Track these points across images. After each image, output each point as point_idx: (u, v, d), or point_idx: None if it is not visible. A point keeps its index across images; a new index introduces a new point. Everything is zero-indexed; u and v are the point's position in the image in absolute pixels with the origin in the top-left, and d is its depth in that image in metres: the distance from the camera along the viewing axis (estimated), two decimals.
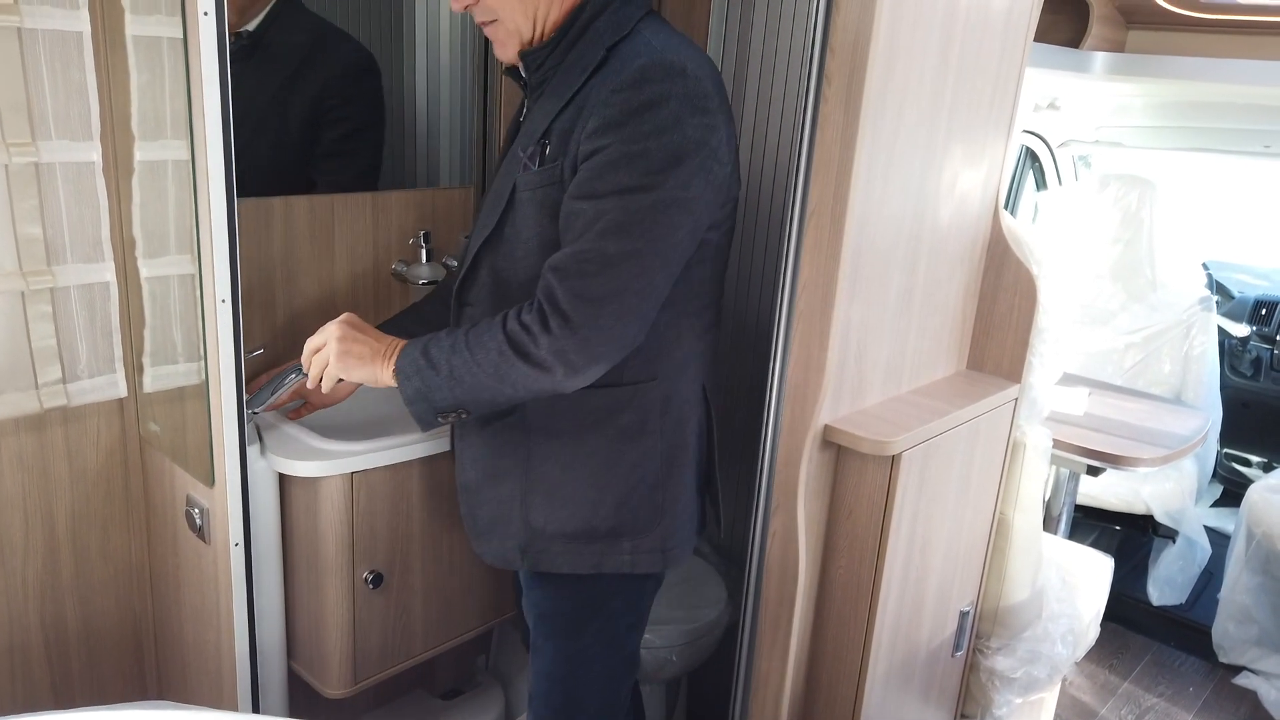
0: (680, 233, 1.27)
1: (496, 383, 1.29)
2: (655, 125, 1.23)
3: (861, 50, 1.46)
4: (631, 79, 1.24)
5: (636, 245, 1.24)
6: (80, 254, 1.58)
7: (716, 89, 1.30)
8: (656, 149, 1.23)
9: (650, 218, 1.24)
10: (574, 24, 1.34)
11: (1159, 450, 2.45)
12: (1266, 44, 2.51)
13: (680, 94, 1.23)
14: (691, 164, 1.25)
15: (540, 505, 1.43)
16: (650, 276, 1.26)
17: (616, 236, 1.23)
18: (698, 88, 1.25)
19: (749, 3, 2.17)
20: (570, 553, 1.44)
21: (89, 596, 1.76)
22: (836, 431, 1.67)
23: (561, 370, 1.26)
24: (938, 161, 1.72)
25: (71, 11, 1.48)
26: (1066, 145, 3.52)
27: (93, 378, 1.64)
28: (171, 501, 1.69)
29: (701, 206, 1.29)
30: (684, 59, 1.26)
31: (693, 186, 1.26)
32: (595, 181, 1.25)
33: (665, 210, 1.24)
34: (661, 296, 1.30)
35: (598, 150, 1.25)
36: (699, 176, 1.26)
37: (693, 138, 1.24)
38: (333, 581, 1.64)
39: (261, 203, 1.72)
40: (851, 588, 1.76)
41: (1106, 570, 2.56)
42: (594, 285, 1.24)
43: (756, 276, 2.30)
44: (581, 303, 1.24)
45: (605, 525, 1.43)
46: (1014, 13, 1.80)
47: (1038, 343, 1.97)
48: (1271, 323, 3.50)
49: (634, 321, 1.27)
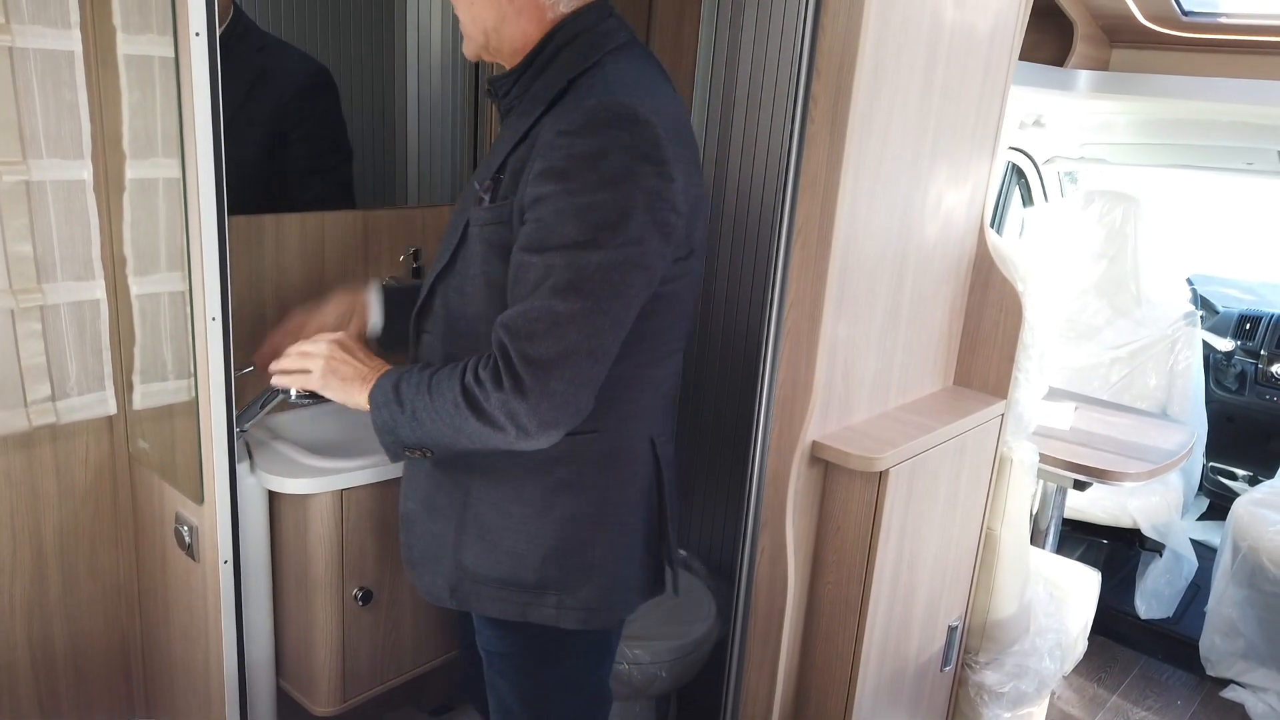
0: (633, 290, 1.21)
1: (453, 432, 1.25)
2: (603, 176, 1.16)
3: (847, 72, 1.48)
4: (578, 123, 1.18)
5: (586, 305, 1.18)
6: (71, 272, 1.58)
7: (675, 132, 1.23)
8: (605, 202, 1.16)
9: (601, 276, 1.18)
10: (543, 51, 1.29)
11: (1145, 465, 2.47)
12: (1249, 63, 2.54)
13: (628, 142, 1.17)
14: (643, 218, 1.18)
15: (471, 546, 1.39)
16: (600, 338, 1.20)
17: (565, 296, 1.17)
18: (648, 134, 1.18)
19: (736, 26, 2.19)
20: (498, 599, 1.39)
21: (76, 614, 1.76)
22: (824, 448, 1.68)
23: (514, 432, 1.21)
24: (923, 180, 1.74)
25: (63, 31, 1.49)
26: (1052, 162, 3.55)
27: (82, 395, 1.64)
28: (160, 519, 1.69)
29: (655, 260, 1.22)
30: (637, 101, 1.19)
31: (645, 241, 1.19)
32: (544, 234, 1.19)
33: (616, 268, 1.18)
34: (613, 354, 1.24)
35: (543, 198, 1.19)
36: (651, 230, 1.19)
37: (645, 188, 1.18)
38: (322, 599, 1.64)
39: (253, 220, 1.73)
40: (840, 603, 1.77)
41: (1094, 584, 2.57)
42: (543, 348, 1.18)
43: (745, 295, 2.32)
44: (531, 367, 1.19)
45: (532, 577, 1.37)
46: (998, 33, 1.83)
47: (1023, 359, 1.99)
48: (1256, 337, 3.53)
49: (585, 386, 1.22)
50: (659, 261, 1.23)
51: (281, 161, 1.90)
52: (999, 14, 1.81)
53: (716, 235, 2.33)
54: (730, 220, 2.30)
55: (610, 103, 1.18)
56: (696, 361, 2.45)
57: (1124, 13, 2.54)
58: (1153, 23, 2.58)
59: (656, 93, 1.26)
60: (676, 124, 1.25)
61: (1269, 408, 3.51)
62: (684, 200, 1.24)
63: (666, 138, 1.20)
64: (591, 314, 1.18)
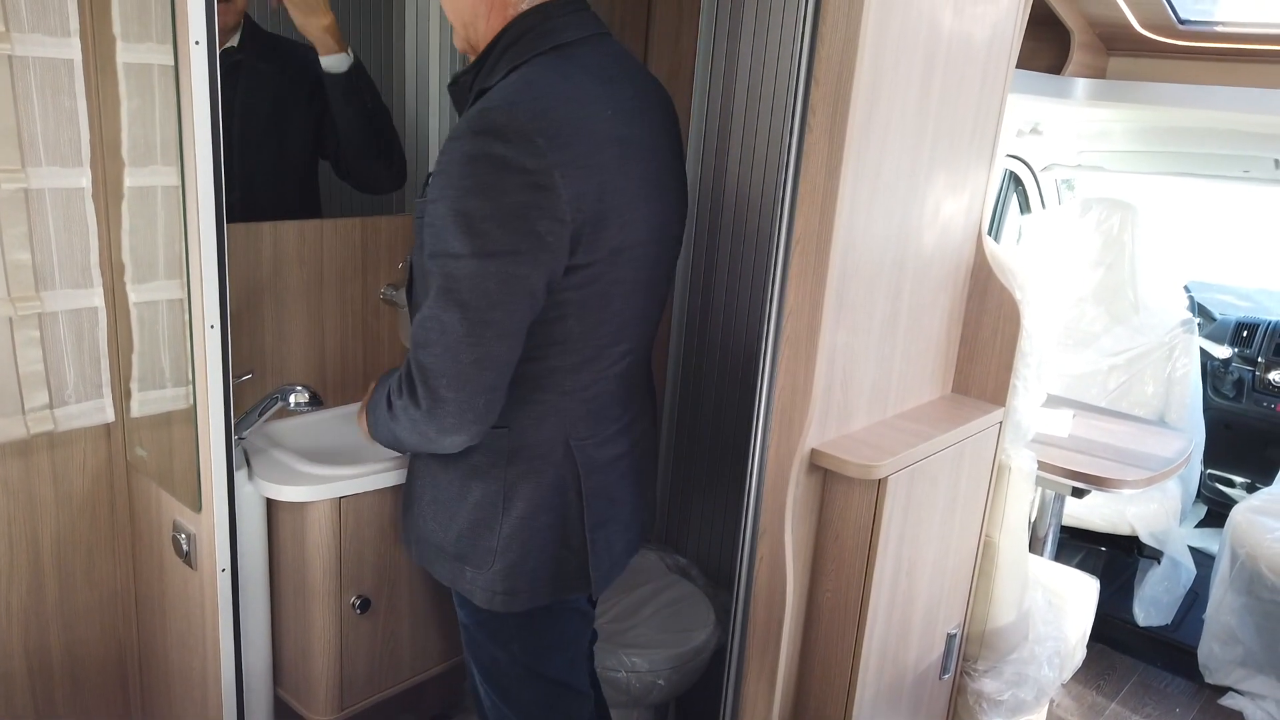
0: (512, 299, 1.22)
1: (393, 436, 1.38)
2: (476, 184, 1.17)
3: (845, 82, 1.49)
4: (463, 127, 1.19)
5: (467, 314, 1.21)
6: (69, 279, 1.58)
7: (562, 141, 1.20)
8: (476, 210, 1.17)
9: (478, 285, 1.20)
10: (494, 48, 1.31)
11: (1143, 472, 2.47)
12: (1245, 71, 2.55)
13: (500, 152, 1.16)
14: (517, 226, 1.19)
15: (421, 510, 1.50)
16: (485, 346, 1.23)
17: (448, 304, 1.21)
18: (523, 145, 1.16)
19: (734, 35, 2.20)
20: (439, 561, 1.49)
21: (73, 623, 1.75)
22: (823, 456, 1.68)
23: (427, 435, 1.31)
24: (921, 189, 1.75)
25: (63, 39, 1.49)
26: (1049, 169, 3.56)
27: (80, 403, 1.64)
28: (158, 527, 1.69)
29: (533, 269, 1.22)
30: (521, 108, 1.18)
31: (519, 251, 1.20)
32: (432, 239, 1.22)
33: (491, 277, 1.20)
34: (508, 360, 1.27)
35: (430, 200, 1.22)
36: (528, 240, 1.20)
37: (516, 199, 1.18)
38: (320, 607, 1.63)
39: (251, 228, 1.73)
40: (839, 611, 1.77)
41: (1092, 592, 2.57)
42: (432, 358, 1.24)
43: (743, 302, 2.32)
44: (424, 375, 1.25)
45: (452, 548, 1.46)
46: (995, 42, 1.83)
47: (1021, 367, 1.99)
48: (1253, 345, 3.54)
49: (476, 393, 1.25)
50: (538, 271, 1.23)
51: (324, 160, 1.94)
52: (996, 23, 1.81)
53: (715, 243, 2.33)
54: (729, 228, 2.30)
55: (490, 109, 1.18)
56: (695, 369, 2.45)
57: (1121, 21, 2.55)
58: (1149, 31, 2.59)
59: (569, 95, 1.24)
60: (580, 128, 1.22)
61: (1266, 415, 3.51)
62: (571, 208, 1.21)
63: (549, 144, 1.18)
64: (473, 323, 1.21)
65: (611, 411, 1.47)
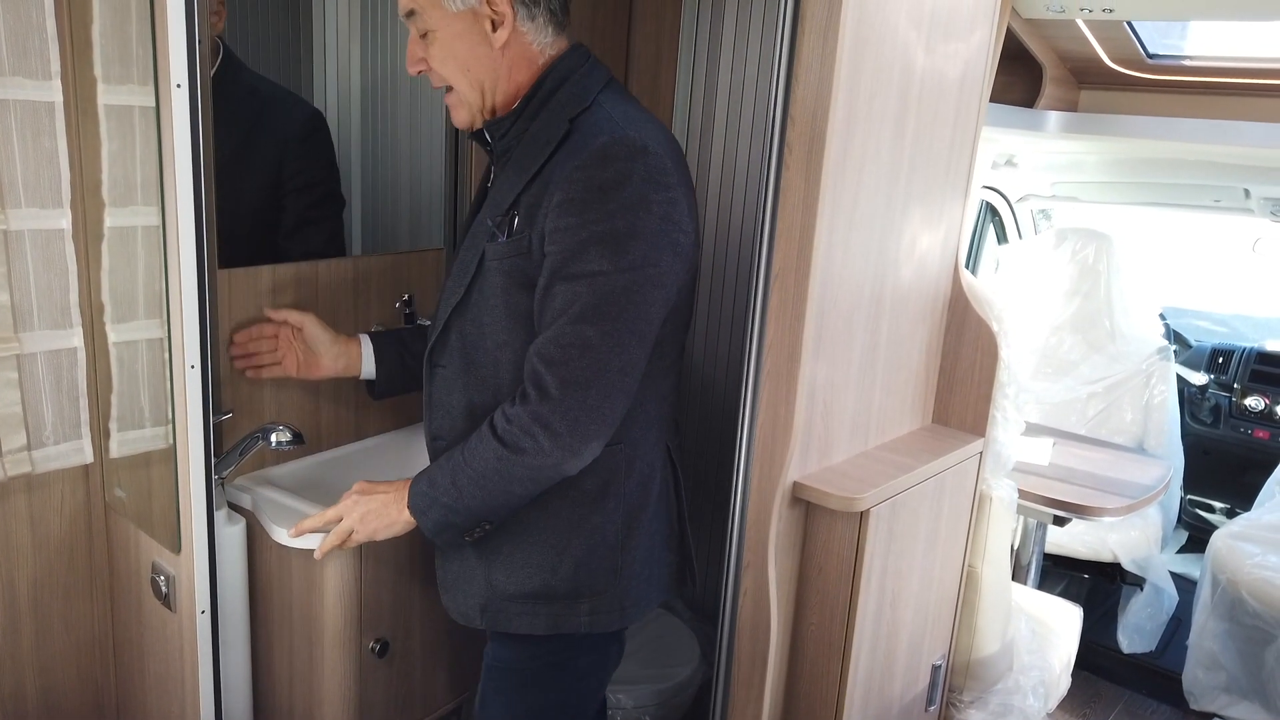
0: (654, 308, 1.32)
1: (505, 487, 1.34)
2: (620, 204, 1.27)
3: (820, 120, 1.51)
4: (594, 156, 1.28)
5: (614, 326, 1.28)
6: (48, 320, 1.58)
7: (676, 162, 1.35)
8: (624, 229, 1.27)
9: (625, 298, 1.28)
10: (535, 95, 1.38)
11: (1123, 500, 2.49)
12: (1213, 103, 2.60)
13: (643, 172, 1.28)
14: (659, 240, 1.29)
15: (501, 564, 1.45)
16: (629, 353, 1.30)
17: (594, 320, 1.28)
18: (659, 164, 1.29)
19: (712, 70, 2.23)
20: (528, 613, 1.45)
21: (50, 667, 1.73)
22: (805, 488, 1.69)
23: (560, 454, 1.31)
24: (897, 223, 1.77)
25: (44, 83, 1.50)
26: (1025, 200, 3.61)
27: (58, 444, 1.62)
28: (136, 569, 1.67)
29: (670, 278, 1.33)
30: (645, 135, 1.30)
31: (662, 262, 1.31)
32: (568, 264, 1.29)
33: (638, 289, 1.29)
34: (641, 368, 1.34)
35: (564, 228, 1.28)
36: (667, 251, 1.31)
37: (658, 214, 1.29)
38: (336, 654, 1.61)
39: (251, 271, 1.72)
40: (823, 644, 1.77)
41: (1076, 620, 2.58)
42: (578, 370, 1.28)
43: (724, 337, 2.33)
44: (569, 387, 1.29)
45: (564, 586, 1.44)
46: (968, 78, 1.87)
47: (1000, 397, 2.01)
48: (1229, 371, 3.58)
49: (619, 397, 1.32)
50: (673, 279, 1.34)
51: (278, 212, 1.90)
52: (969, 60, 1.85)
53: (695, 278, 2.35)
54: (708, 264, 2.32)
55: (623, 137, 1.29)
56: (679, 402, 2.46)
57: (1091, 55, 2.60)
58: (1119, 65, 2.65)
59: (652, 125, 1.37)
60: (674, 154, 1.36)
61: (1243, 440, 3.55)
62: (689, 220, 1.36)
63: (671, 166, 1.32)
64: (619, 333, 1.29)
65: (676, 415, 1.57)
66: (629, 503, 1.45)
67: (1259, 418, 3.51)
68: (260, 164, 1.87)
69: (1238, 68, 2.51)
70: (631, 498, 1.45)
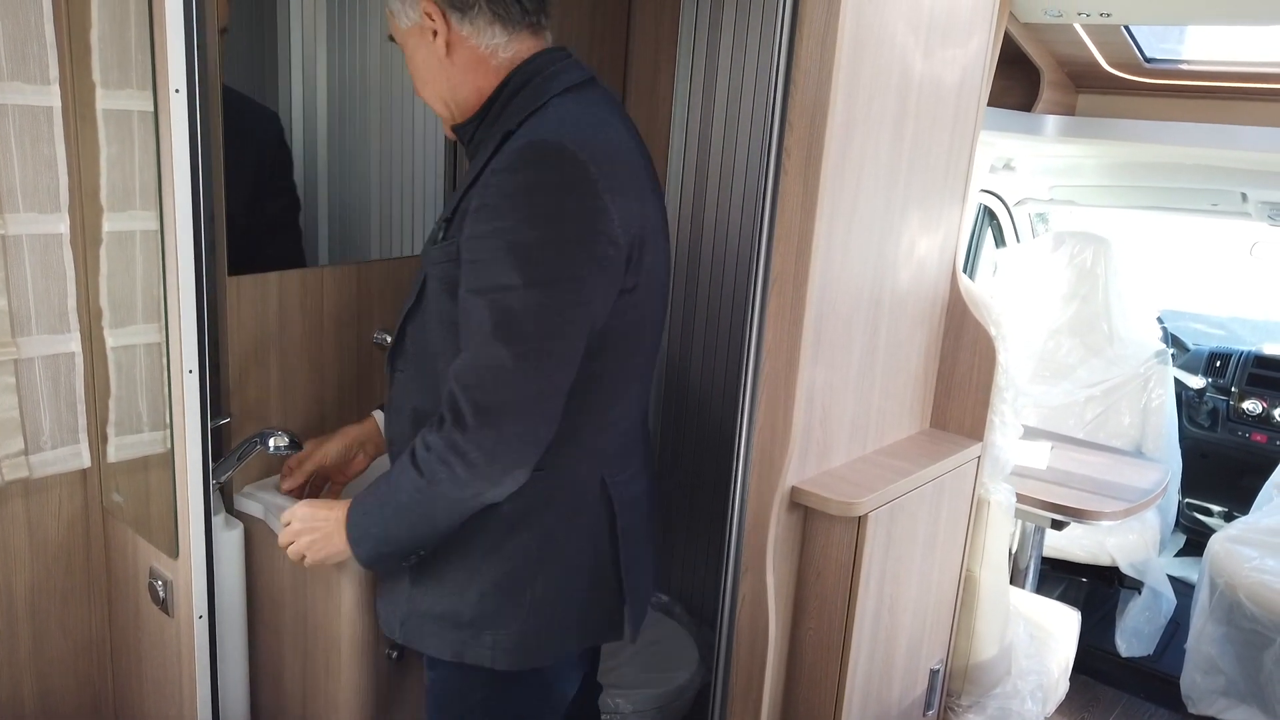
0: (574, 327, 1.22)
1: (428, 518, 1.29)
2: (532, 212, 1.18)
3: (819, 125, 1.51)
4: (509, 161, 1.20)
5: (528, 347, 1.19)
6: (46, 325, 1.58)
7: (612, 164, 1.23)
8: (535, 240, 1.17)
9: (538, 316, 1.19)
10: (498, 97, 1.32)
11: (1121, 504, 2.49)
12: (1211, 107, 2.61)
13: (558, 178, 1.18)
14: (576, 253, 1.19)
15: (421, 579, 1.39)
16: (547, 377, 1.21)
17: (507, 340, 1.19)
18: (579, 169, 1.18)
19: (711, 78, 2.24)
20: (436, 635, 1.38)
21: (47, 672, 1.72)
22: (803, 493, 1.69)
23: (478, 485, 1.24)
24: (896, 228, 1.77)
25: (42, 88, 1.50)
26: (1023, 204, 3.62)
27: (55, 449, 1.62)
28: (134, 574, 1.67)
29: (594, 295, 1.23)
30: (565, 136, 1.20)
31: (581, 277, 1.20)
32: (479, 276, 1.21)
33: (553, 306, 1.19)
34: (564, 391, 1.25)
35: (476, 236, 1.21)
36: (587, 265, 1.20)
37: (575, 224, 1.19)
38: (353, 660, 1.59)
39: (259, 279, 1.72)
40: (822, 648, 1.77)
41: (1074, 624, 2.58)
42: (493, 395, 1.20)
43: (723, 342, 2.33)
44: (484, 415, 1.21)
45: (469, 613, 1.35)
46: (966, 82, 1.87)
47: (998, 402, 2.01)
48: (1226, 374, 3.59)
49: (539, 424, 1.23)
50: (598, 296, 1.23)
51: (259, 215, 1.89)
52: (966, 65, 1.85)
53: (694, 284, 2.35)
54: (708, 268, 2.32)
55: (536, 140, 1.20)
56: (677, 408, 2.46)
57: (1089, 60, 2.60)
58: (1117, 69, 2.65)
59: (600, 127, 1.26)
60: (616, 156, 1.25)
61: (1241, 444, 3.55)
62: (622, 232, 1.23)
63: (599, 170, 1.19)
64: (534, 355, 1.20)
65: (636, 448, 1.45)
66: (545, 535, 1.34)
67: (1256, 421, 3.51)
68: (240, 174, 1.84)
69: (1235, 72, 2.51)
70: (549, 530, 1.35)
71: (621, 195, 1.23)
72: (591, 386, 1.30)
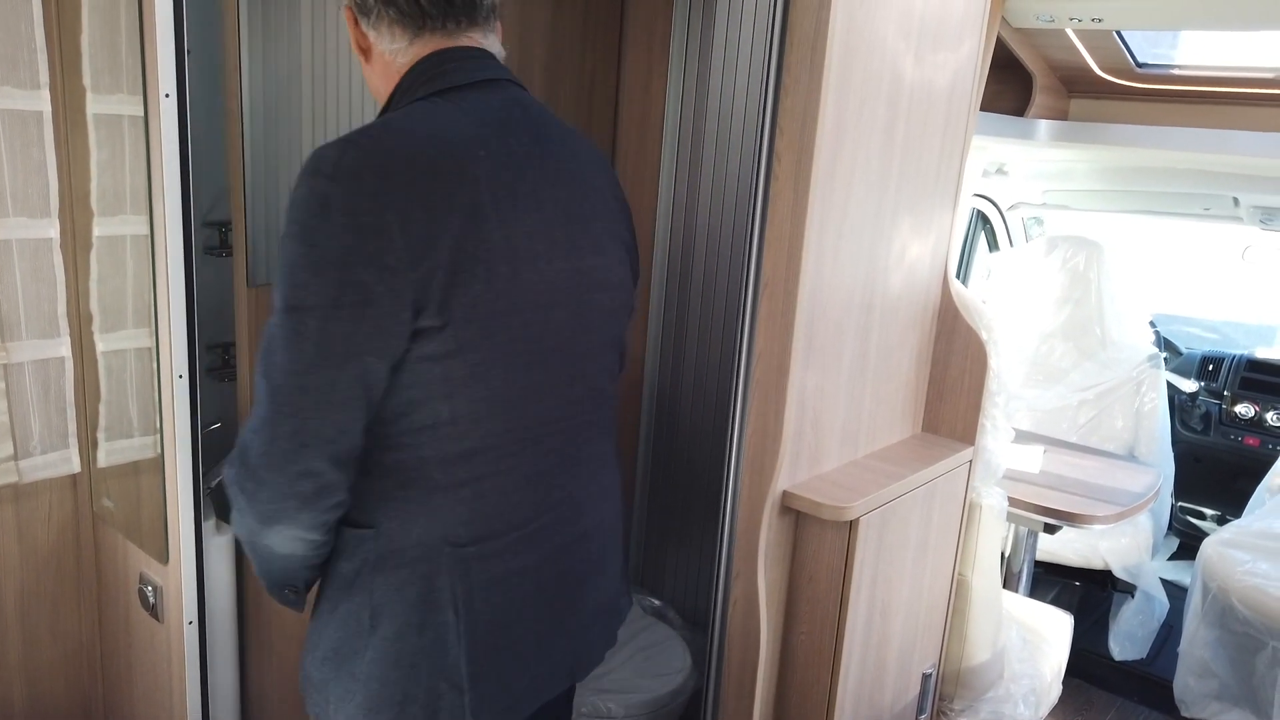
0: (334, 362, 1.02)
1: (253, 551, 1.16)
2: (302, 227, 1.01)
3: (809, 130, 1.51)
4: (301, 170, 1.05)
5: (280, 382, 1.03)
6: (36, 329, 1.57)
7: (405, 181, 1.03)
8: (298, 258, 1.01)
9: (292, 345, 1.02)
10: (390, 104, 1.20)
11: (1113, 507, 2.49)
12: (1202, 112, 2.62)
13: (325, 190, 1.01)
14: (335, 275, 1.01)
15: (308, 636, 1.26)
16: (302, 419, 1.03)
17: (265, 372, 1.03)
18: (349, 182, 1.01)
19: (703, 81, 2.24)
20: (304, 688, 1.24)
21: (37, 678, 1.72)
22: (795, 497, 1.69)
23: (251, 525, 1.10)
24: (886, 232, 1.77)
25: (32, 92, 1.50)
26: (1016, 208, 3.63)
27: (45, 454, 1.62)
28: (124, 579, 1.66)
29: (361, 325, 1.02)
30: (360, 146, 1.03)
31: (343, 304, 1.01)
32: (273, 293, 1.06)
33: (308, 336, 1.01)
34: (337, 440, 1.05)
35: None
36: (349, 290, 1.01)
37: (339, 243, 1.01)
38: None
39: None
40: (814, 653, 1.76)
41: (1066, 627, 2.58)
42: (251, 434, 1.06)
43: (715, 347, 2.34)
44: (245, 453, 1.06)
45: (316, 674, 1.20)
46: (957, 87, 1.88)
47: (990, 406, 2.01)
48: (1219, 378, 3.60)
49: (299, 476, 1.04)
50: (363, 328, 1.02)
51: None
52: (957, 70, 1.86)
53: (686, 289, 2.35)
54: (699, 274, 2.32)
55: (323, 147, 1.04)
56: (669, 412, 2.46)
57: (1081, 64, 2.61)
58: (1108, 74, 2.66)
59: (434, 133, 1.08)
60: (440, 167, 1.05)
61: (1234, 447, 3.56)
62: (410, 255, 1.02)
63: (384, 183, 1.02)
64: (282, 393, 1.03)
65: (509, 515, 1.18)
66: (376, 603, 1.15)
67: (1249, 425, 3.52)
68: None
69: (1226, 77, 2.53)
70: (379, 598, 1.14)
71: (420, 211, 1.03)
72: (423, 439, 1.10)
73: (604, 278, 1.25)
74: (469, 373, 1.09)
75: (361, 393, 1.05)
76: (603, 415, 1.30)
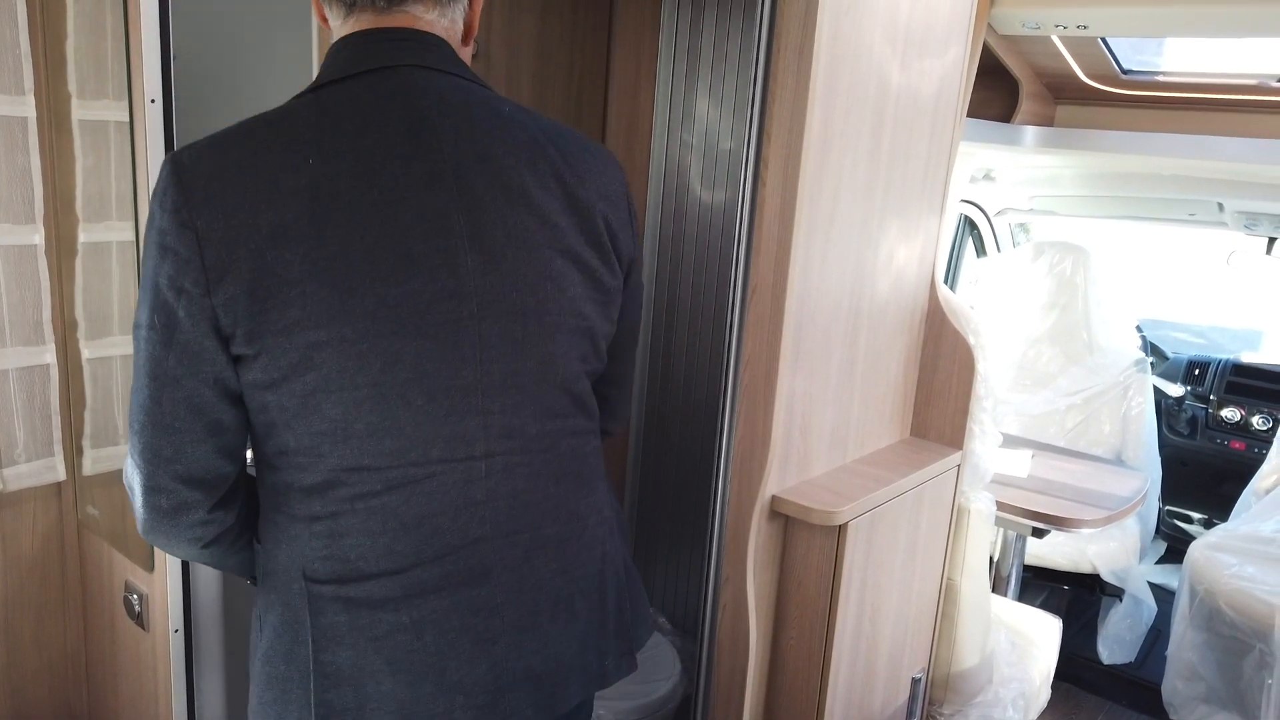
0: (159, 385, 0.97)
1: None
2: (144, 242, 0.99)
3: (796, 136, 1.52)
4: None
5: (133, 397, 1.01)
6: (20, 337, 1.56)
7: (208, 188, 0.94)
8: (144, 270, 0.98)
9: (136, 363, 1.00)
10: None
11: (1101, 511, 2.50)
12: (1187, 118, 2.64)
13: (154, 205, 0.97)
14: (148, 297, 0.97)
15: None
16: (148, 437, 0.98)
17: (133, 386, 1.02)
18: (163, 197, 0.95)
19: (690, 89, 2.24)
20: None
21: (21, 687, 1.71)
22: (784, 502, 1.69)
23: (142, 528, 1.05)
24: (874, 238, 1.78)
25: (16, 98, 1.49)
26: (1003, 214, 3.64)
27: (30, 461, 1.61)
28: (109, 587, 1.65)
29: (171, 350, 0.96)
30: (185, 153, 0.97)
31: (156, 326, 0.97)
32: None
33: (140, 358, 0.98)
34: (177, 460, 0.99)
35: None
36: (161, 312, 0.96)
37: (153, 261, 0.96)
38: None
39: None
40: (803, 658, 1.77)
41: (1055, 631, 2.58)
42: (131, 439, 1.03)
43: (704, 352, 2.34)
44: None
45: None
46: (944, 94, 1.88)
47: (977, 410, 2.02)
48: (1205, 383, 3.61)
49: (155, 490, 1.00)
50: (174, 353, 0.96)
51: None
52: (944, 76, 1.87)
53: (675, 295, 2.36)
54: (688, 280, 2.33)
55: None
56: (659, 418, 2.46)
57: (1066, 71, 2.63)
58: (1094, 80, 2.68)
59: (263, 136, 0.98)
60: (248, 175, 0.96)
61: (1220, 451, 3.58)
62: (210, 275, 0.94)
63: (191, 196, 0.94)
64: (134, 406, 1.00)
65: (379, 560, 1.03)
66: (260, 613, 1.11)
67: (1235, 429, 3.54)
68: None
69: (1211, 83, 2.54)
70: (261, 608, 1.11)
71: (228, 226, 0.94)
72: (282, 464, 1.03)
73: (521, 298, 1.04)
74: (300, 404, 0.99)
75: (191, 416, 0.98)
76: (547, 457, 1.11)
